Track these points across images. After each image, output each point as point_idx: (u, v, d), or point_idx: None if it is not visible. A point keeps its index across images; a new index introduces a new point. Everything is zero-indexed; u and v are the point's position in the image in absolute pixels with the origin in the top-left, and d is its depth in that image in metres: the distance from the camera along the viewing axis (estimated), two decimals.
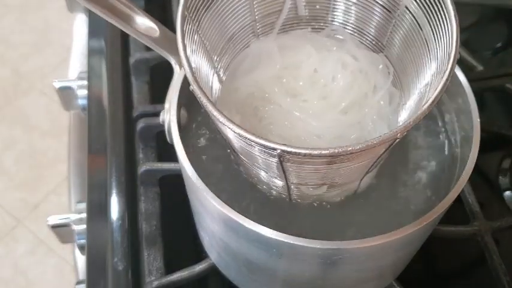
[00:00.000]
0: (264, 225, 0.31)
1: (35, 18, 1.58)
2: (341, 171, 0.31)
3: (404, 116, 0.35)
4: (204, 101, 0.28)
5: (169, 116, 0.35)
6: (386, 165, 0.37)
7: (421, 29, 0.33)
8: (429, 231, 0.37)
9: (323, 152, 0.26)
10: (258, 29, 0.38)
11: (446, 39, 0.31)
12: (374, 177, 0.37)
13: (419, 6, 0.33)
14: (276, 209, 0.37)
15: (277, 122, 0.35)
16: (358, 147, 0.26)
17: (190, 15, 0.32)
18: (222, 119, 0.28)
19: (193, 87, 0.29)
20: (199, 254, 0.45)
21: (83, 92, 0.57)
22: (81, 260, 0.55)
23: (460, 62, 0.37)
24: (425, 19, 0.33)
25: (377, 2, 0.36)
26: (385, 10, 0.36)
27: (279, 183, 0.34)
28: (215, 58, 0.36)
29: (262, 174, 0.34)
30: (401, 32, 0.35)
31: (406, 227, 0.31)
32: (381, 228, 0.31)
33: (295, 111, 0.34)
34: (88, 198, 0.48)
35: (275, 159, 0.29)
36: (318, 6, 0.38)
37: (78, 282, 0.47)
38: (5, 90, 1.45)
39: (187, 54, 0.30)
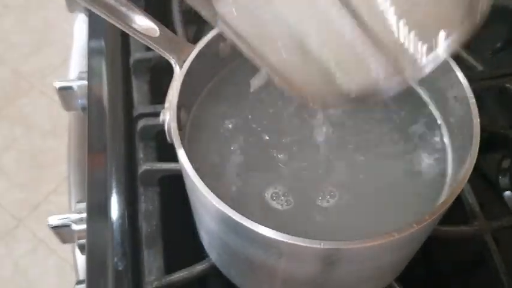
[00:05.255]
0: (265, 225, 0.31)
1: (35, 18, 1.58)
2: None
3: None
4: None
5: (169, 115, 0.35)
6: (386, 166, 0.37)
7: None
8: (429, 231, 0.37)
9: None
10: None
11: None
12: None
13: None
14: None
15: None
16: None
17: None
18: None
19: None
20: (200, 253, 0.45)
21: (83, 92, 0.57)
22: (81, 259, 0.55)
23: (460, 62, 0.37)
24: None
25: None
26: None
27: None
28: None
29: None
30: None
31: (406, 227, 0.31)
32: (381, 228, 0.31)
33: None
34: (88, 198, 0.48)
35: None
36: None
37: (78, 282, 0.47)
38: (5, 91, 1.45)
39: None
